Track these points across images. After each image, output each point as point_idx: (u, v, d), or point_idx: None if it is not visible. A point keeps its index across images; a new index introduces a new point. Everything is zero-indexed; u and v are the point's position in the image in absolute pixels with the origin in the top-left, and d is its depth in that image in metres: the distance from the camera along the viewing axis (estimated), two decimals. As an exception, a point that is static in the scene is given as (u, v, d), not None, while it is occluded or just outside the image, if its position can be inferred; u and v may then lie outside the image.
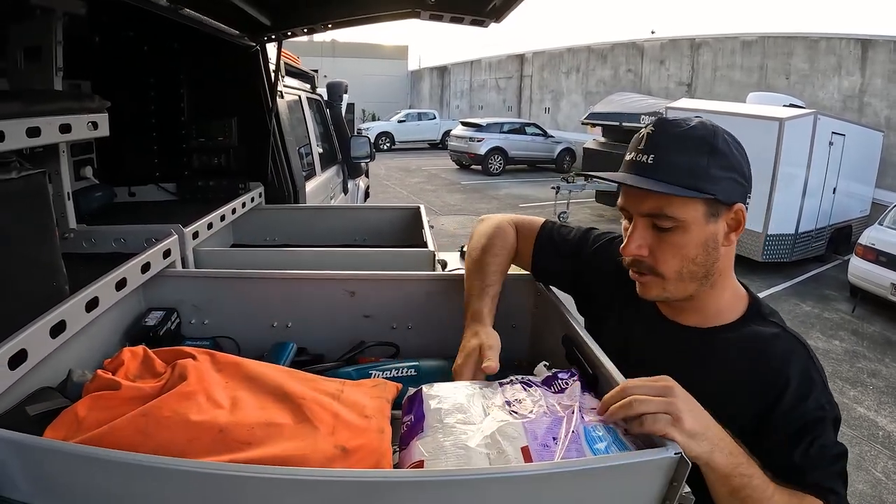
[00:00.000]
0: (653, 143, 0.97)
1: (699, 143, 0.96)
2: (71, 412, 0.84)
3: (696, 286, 1.02)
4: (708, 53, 15.30)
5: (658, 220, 0.98)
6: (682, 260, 0.99)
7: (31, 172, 1.14)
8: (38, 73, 1.47)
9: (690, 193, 0.94)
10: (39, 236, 1.17)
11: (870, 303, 7.11)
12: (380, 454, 0.84)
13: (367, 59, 30.49)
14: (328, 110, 4.94)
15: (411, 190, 14.15)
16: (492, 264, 1.30)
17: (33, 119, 1.18)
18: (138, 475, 0.69)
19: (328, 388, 0.98)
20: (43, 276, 1.17)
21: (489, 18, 2.28)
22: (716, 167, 0.96)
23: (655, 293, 1.04)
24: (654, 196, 0.96)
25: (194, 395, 0.86)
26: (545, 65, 22.17)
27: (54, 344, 1.04)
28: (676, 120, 1.00)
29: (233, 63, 2.56)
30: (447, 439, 0.84)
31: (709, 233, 0.98)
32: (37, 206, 1.16)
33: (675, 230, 0.97)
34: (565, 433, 0.83)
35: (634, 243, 1.00)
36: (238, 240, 2.56)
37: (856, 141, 8.85)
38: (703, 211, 0.97)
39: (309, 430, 0.84)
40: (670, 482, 0.74)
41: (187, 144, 2.56)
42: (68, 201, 1.70)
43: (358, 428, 0.87)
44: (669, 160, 0.95)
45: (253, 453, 0.77)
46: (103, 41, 2.25)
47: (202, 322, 1.53)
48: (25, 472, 0.70)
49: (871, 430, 4.56)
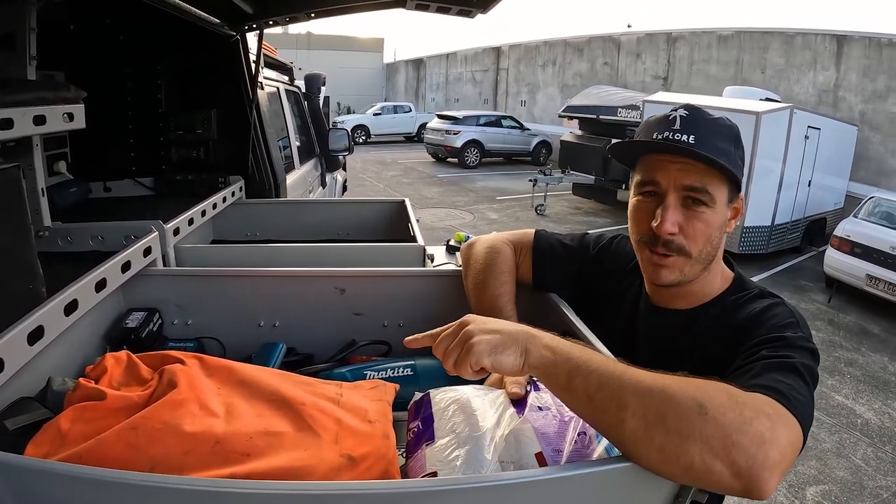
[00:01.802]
0: (691, 125, 0.99)
1: (729, 132, 1.02)
2: (54, 426, 0.78)
3: (702, 269, 1.04)
4: (684, 48, 15.41)
5: (697, 194, 0.98)
6: (706, 241, 1.01)
7: (4, 167, 1.08)
8: (11, 61, 1.41)
9: (733, 171, 0.98)
10: (14, 235, 1.10)
11: (845, 293, 7.23)
12: (387, 461, 0.80)
13: (342, 51, 30.16)
14: (306, 103, 4.86)
15: (388, 183, 14.04)
16: (504, 295, 1.24)
17: (5, 110, 1.11)
18: (133, 495, 0.63)
19: (327, 392, 0.93)
20: (18, 278, 1.10)
21: (476, 9, 2.25)
22: (738, 157, 1.02)
23: (675, 276, 1.03)
24: (700, 170, 0.98)
25: (186, 403, 0.81)
26: (521, 58, 22.16)
27: (32, 351, 0.97)
28: (705, 108, 1.04)
29: (212, 53, 2.49)
30: (458, 447, 0.80)
31: (724, 216, 1.02)
32: (10, 202, 1.09)
33: (706, 209, 0.99)
34: (578, 435, 0.81)
35: (670, 221, 0.99)
36: (218, 236, 2.49)
37: (831, 135, 8.98)
38: (727, 194, 1.01)
39: (312, 439, 0.79)
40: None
41: (165, 137, 2.48)
42: (42, 197, 1.63)
43: (363, 434, 0.83)
44: (711, 141, 0.98)
45: (253, 465, 0.72)
46: (79, 29, 2.15)
47: (185, 322, 1.47)
48: (8, 492, 0.64)
49: (850, 419, 4.63)
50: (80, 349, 1.21)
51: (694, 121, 0.99)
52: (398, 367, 1.26)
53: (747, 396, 0.71)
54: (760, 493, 0.65)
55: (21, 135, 1.19)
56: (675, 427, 0.66)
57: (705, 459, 0.65)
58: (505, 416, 0.88)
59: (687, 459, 0.66)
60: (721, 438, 0.65)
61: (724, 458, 0.65)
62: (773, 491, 0.66)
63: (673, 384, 0.70)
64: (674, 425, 0.67)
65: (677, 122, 1.00)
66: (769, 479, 0.65)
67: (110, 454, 0.72)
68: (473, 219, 10.66)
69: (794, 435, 0.71)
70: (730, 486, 0.66)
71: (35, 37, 1.44)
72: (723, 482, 0.66)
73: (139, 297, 1.45)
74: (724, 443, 0.65)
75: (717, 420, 0.66)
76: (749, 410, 0.68)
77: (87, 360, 1.02)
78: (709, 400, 0.68)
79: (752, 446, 0.65)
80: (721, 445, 0.65)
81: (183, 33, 2.27)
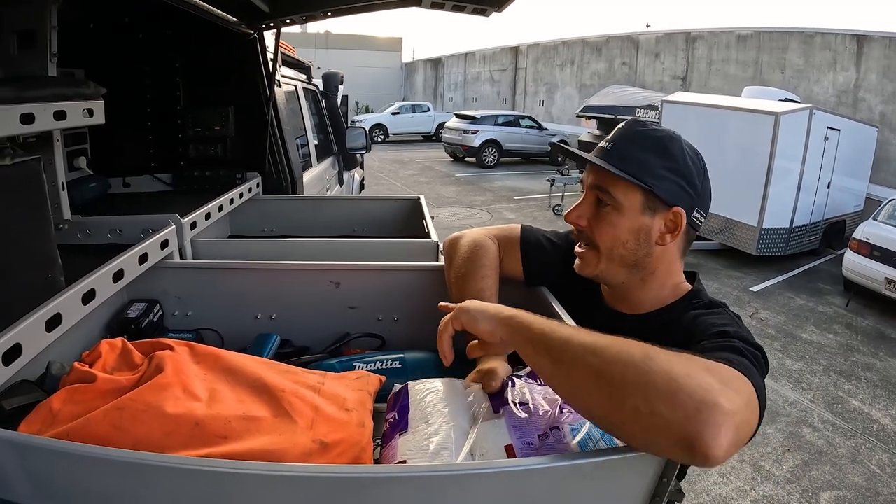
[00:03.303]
0: (618, 135, 1.09)
1: (654, 143, 1.06)
2: (45, 406, 0.82)
3: (626, 273, 1.11)
4: (703, 47, 15.28)
5: (602, 194, 1.08)
6: (614, 240, 1.08)
7: (26, 159, 1.11)
8: (32, 58, 1.42)
9: (627, 177, 1.03)
10: (34, 226, 1.14)
11: (863, 297, 7.13)
12: (360, 448, 0.83)
13: (360, 50, 30.30)
14: (324, 101, 4.89)
15: (405, 182, 14.10)
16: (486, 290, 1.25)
17: (27, 105, 1.14)
18: (113, 470, 0.67)
19: (309, 381, 0.96)
20: (38, 268, 1.14)
21: (491, 7, 2.24)
22: (663, 167, 1.05)
23: (590, 270, 1.13)
24: (603, 173, 1.07)
25: (170, 387, 0.84)
26: (540, 57, 22.12)
27: (50, 338, 1.01)
28: (647, 121, 1.12)
29: (230, 51, 2.51)
30: (430, 437, 0.82)
31: (642, 223, 1.06)
32: (31, 194, 1.13)
33: (612, 209, 1.07)
34: (549, 428, 0.82)
35: (575, 212, 1.12)
36: (235, 231, 2.53)
37: (850, 136, 8.83)
38: (641, 201, 1.05)
39: (287, 424, 0.82)
40: (660, 478, 0.73)
41: (183, 134, 2.51)
42: (62, 191, 1.67)
43: (338, 421, 0.86)
44: (624, 148, 1.06)
45: (230, 447, 0.75)
46: (98, 27, 2.20)
47: (185, 314, 1.51)
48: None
49: (866, 424, 4.57)
50: (81, 337, 1.24)
51: (623, 131, 1.10)
52: (387, 359, 1.27)
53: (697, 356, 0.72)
54: (708, 448, 0.62)
55: (42, 129, 1.21)
56: (620, 373, 0.69)
57: (650, 401, 0.65)
58: (480, 410, 0.90)
59: (632, 403, 0.66)
60: (666, 382, 0.65)
61: (668, 401, 0.64)
62: (723, 453, 0.63)
63: (626, 342, 0.73)
64: (619, 371, 0.69)
65: (613, 131, 1.11)
66: (718, 432, 0.62)
67: (96, 433, 0.75)
68: (490, 218, 10.67)
69: (748, 395, 0.70)
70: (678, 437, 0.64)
71: (55, 35, 1.46)
72: (671, 432, 0.64)
73: (141, 289, 1.48)
74: (668, 386, 0.65)
75: (663, 366, 0.67)
76: (696, 364, 0.70)
77: (86, 347, 1.05)
78: (655, 352, 0.70)
79: (699, 390, 0.64)
80: (666, 388, 0.65)
81: (201, 31, 2.29)
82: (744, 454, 4.05)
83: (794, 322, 6.54)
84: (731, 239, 8.46)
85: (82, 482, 0.69)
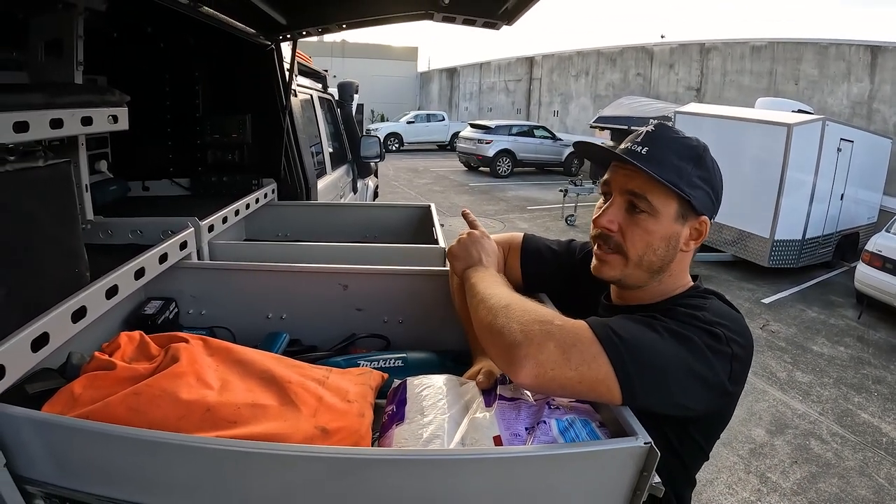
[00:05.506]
0: (650, 139, 1.06)
1: (690, 151, 1.06)
2: (67, 390, 0.89)
3: (648, 278, 1.09)
4: (717, 58, 15.25)
5: (637, 200, 1.05)
6: (647, 247, 1.06)
7: (58, 161, 1.18)
8: (59, 66, 1.50)
9: (669, 186, 1.01)
10: (63, 223, 1.20)
11: (876, 309, 7.06)
12: (359, 436, 0.88)
13: (376, 59, 30.48)
14: (339, 110, 4.96)
15: (419, 191, 14.17)
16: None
17: (56, 111, 1.20)
18: (130, 448, 0.74)
19: (315, 374, 1.02)
20: (65, 262, 1.20)
21: (501, 21, 2.28)
22: (697, 176, 1.05)
23: (613, 274, 1.10)
24: (642, 179, 1.03)
25: (184, 375, 0.90)
26: (554, 67, 22.15)
27: (75, 329, 1.07)
28: (675, 128, 1.10)
29: (248, 61, 2.59)
30: (425, 427, 0.88)
31: (674, 231, 1.06)
32: (61, 193, 1.19)
33: (648, 216, 1.04)
34: (537, 422, 0.87)
35: (607, 217, 1.08)
36: (250, 235, 2.60)
37: (864, 147, 8.77)
38: (676, 209, 1.05)
39: (292, 412, 0.88)
40: (640, 471, 0.77)
41: (201, 140, 2.59)
42: (86, 193, 1.74)
43: (339, 411, 0.92)
44: (663, 155, 1.04)
45: (238, 431, 0.81)
46: (121, 36, 2.28)
47: (200, 312, 1.57)
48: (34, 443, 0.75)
49: (875, 437, 4.54)
50: (100, 331, 1.31)
51: (656, 135, 1.07)
52: (390, 358, 1.33)
53: (552, 311, 0.97)
54: (514, 375, 0.86)
55: (69, 134, 1.28)
56: (489, 320, 0.96)
57: (492, 340, 0.92)
58: (472, 403, 0.96)
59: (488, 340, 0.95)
60: (500, 327, 0.92)
61: (496, 341, 0.91)
62: (528, 381, 0.85)
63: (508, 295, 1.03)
64: (489, 318, 0.96)
65: (643, 135, 1.08)
66: (520, 366, 0.85)
67: (114, 415, 0.82)
68: (503, 228, 10.66)
69: (574, 349, 0.87)
70: (501, 365, 0.91)
71: (81, 44, 1.52)
72: (499, 362, 0.92)
73: (158, 287, 1.55)
74: (500, 330, 0.91)
75: (508, 316, 0.93)
76: (531, 315, 0.92)
77: (104, 340, 1.11)
78: (518, 305, 0.96)
79: (510, 335, 0.89)
80: (498, 331, 0.91)
81: (220, 42, 2.37)
82: (751, 465, 4.04)
83: (805, 334, 6.50)
84: (743, 250, 8.41)
85: (101, 459, 0.75)
